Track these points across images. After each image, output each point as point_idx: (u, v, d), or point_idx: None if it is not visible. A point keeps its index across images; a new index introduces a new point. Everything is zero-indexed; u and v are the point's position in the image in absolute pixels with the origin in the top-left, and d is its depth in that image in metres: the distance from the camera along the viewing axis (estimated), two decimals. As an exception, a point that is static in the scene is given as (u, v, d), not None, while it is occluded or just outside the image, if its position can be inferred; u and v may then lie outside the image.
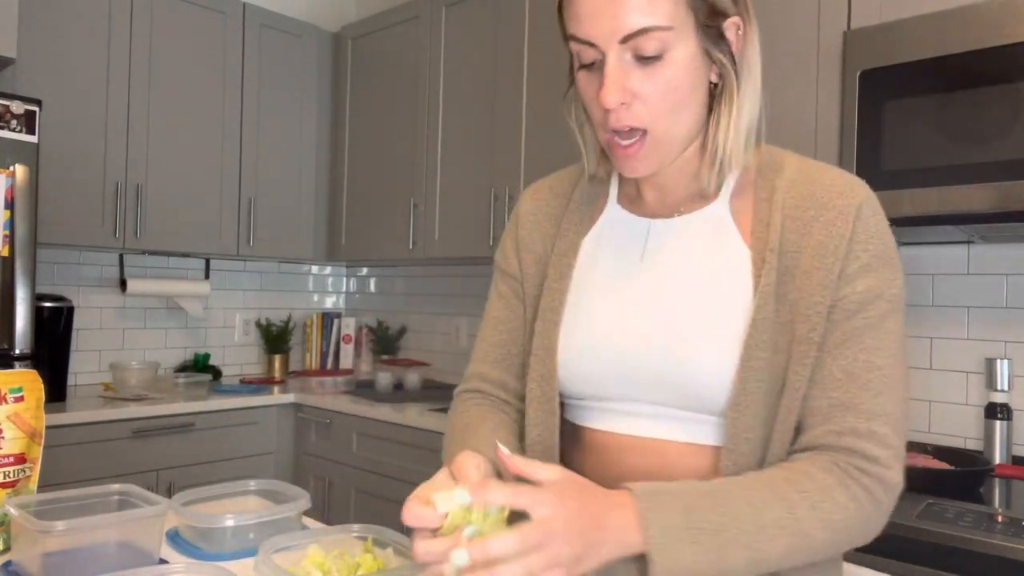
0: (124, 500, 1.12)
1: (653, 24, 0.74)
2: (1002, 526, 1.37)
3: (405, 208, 3.05)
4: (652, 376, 0.83)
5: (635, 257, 0.88)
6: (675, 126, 0.79)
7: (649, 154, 0.80)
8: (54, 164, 2.57)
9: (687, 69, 0.77)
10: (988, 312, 1.96)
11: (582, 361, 0.87)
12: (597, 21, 0.75)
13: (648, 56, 0.75)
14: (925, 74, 1.67)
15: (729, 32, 0.80)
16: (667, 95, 0.77)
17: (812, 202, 0.81)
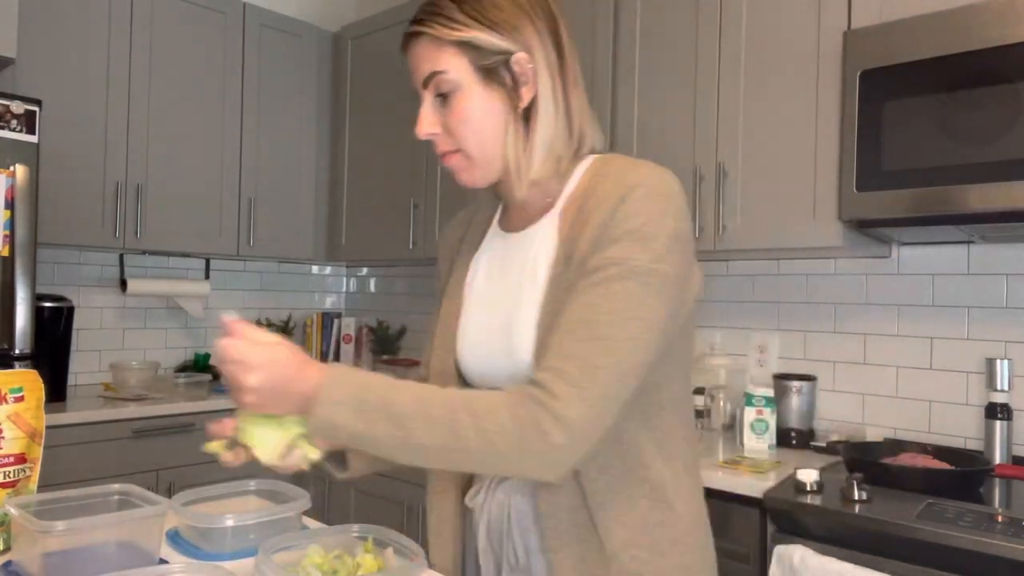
0: (124, 500, 1.12)
1: (435, 70, 0.95)
2: (1002, 526, 1.37)
3: (405, 208, 3.05)
4: (502, 365, 0.98)
5: (497, 267, 1.05)
6: (482, 146, 0.97)
7: (468, 168, 0.99)
8: (54, 164, 2.57)
9: (475, 101, 0.95)
10: (988, 312, 1.96)
11: (471, 360, 1.03)
12: (413, 74, 0.99)
13: (443, 93, 0.96)
14: (925, 74, 1.67)
15: (518, 67, 0.95)
16: (464, 123, 0.96)
17: (593, 194, 0.94)
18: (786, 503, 1.56)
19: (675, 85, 2.20)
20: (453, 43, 0.94)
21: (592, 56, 2.39)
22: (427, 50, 0.96)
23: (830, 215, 1.87)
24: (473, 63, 0.95)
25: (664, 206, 0.89)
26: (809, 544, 1.50)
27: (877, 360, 2.14)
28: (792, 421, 2.13)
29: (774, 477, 1.72)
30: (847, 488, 1.54)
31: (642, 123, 2.27)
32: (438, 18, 0.95)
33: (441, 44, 0.95)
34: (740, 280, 2.43)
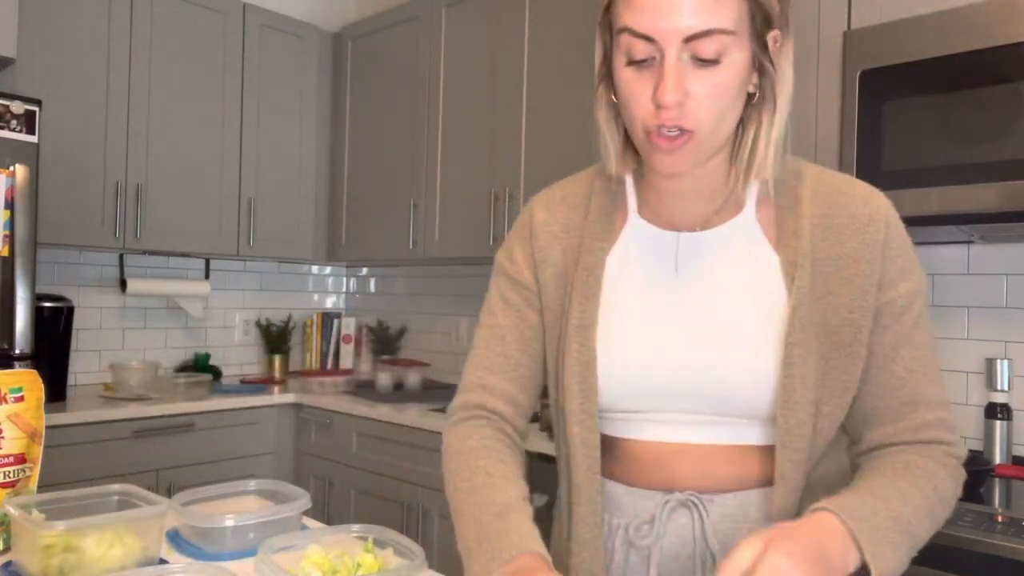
0: (124, 500, 1.12)
1: (717, 27, 0.74)
2: (1002, 526, 1.37)
3: (405, 208, 3.05)
4: (693, 390, 0.85)
5: (669, 271, 0.88)
6: (717, 130, 0.79)
7: (689, 153, 0.79)
8: (54, 164, 2.57)
9: (738, 75, 0.77)
10: (988, 312, 1.96)
11: (622, 378, 0.87)
12: (661, 17, 0.74)
13: (706, 59, 0.75)
14: (925, 74, 1.67)
15: (773, 44, 0.80)
16: (717, 99, 0.77)
17: (839, 210, 0.85)
18: (786, 503, 1.56)
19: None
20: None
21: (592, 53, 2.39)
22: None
23: (830, 215, 1.87)
24: (753, 30, 0.77)
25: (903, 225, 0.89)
26: (809, 544, 1.50)
27: (877, 360, 2.14)
28: (792, 421, 2.12)
29: (774, 477, 1.72)
30: (847, 488, 1.54)
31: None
32: None
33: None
34: (740, 280, 2.42)
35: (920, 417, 0.84)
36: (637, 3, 0.75)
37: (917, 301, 0.85)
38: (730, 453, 0.86)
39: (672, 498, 0.87)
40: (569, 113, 2.43)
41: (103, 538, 0.97)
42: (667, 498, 0.87)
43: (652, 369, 0.86)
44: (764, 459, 0.85)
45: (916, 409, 0.84)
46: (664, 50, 0.75)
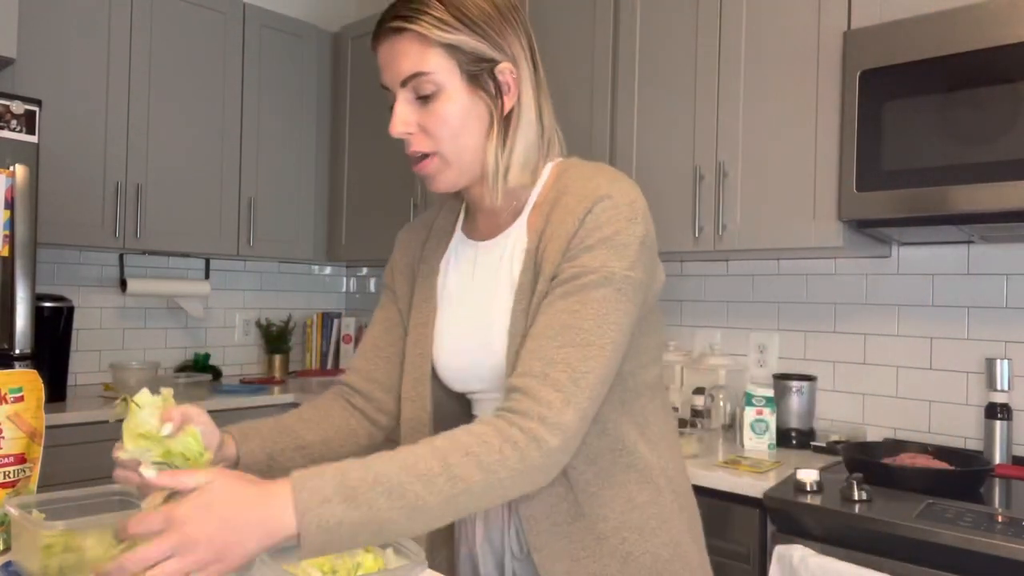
0: (124, 500, 1.12)
1: (421, 70, 0.92)
2: (1002, 526, 1.37)
3: (405, 208, 3.05)
4: (483, 371, 1.01)
5: (468, 275, 1.06)
6: (460, 151, 0.96)
7: (441, 172, 0.97)
8: (54, 164, 2.57)
9: (458, 104, 0.94)
10: (988, 312, 1.96)
11: (446, 367, 1.05)
12: (385, 71, 0.96)
13: (424, 95, 0.94)
14: (925, 74, 1.67)
15: (502, 76, 0.96)
16: (443, 125, 0.94)
17: (558, 206, 0.96)
18: (786, 503, 1.56)
19: (675, 85, 2.20)
20: (442, 45, 0.93)
21: (592, 56, 2.39)
22: (411, 48, 0.93)
23: (830, 215, 1.87)
24: (460, 67, 0.94)
25: (631, 214, 0.93)
26: (809, 544, 1.50)
27: (877, 360, 2.14)
28: (792, 421, 2.13)
29: (774, 477, 1.72)
30: (847, 488, 1.54)
31: (642, 123, 2.27)
32: (426, 16, 0.92)
33: (428, 44, 0.93)
34: (740, 280, 2.43)
35: (529, 365, 0.87)
36: (378, 63, 0.97)
37: (587, 275, 0.89)
38: None
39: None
40: (569, 113, 2.43)
41: (103, 538, 0.97)
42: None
43: (458, 357, 1.03)
44: None
45: (530, 358, 0.87)
46: (395, 93, 0.95)
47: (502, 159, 0.98)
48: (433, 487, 0.78)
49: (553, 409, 0.83)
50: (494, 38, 0.95)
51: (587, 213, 0.92)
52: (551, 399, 0.84)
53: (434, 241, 1.14)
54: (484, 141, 0.98)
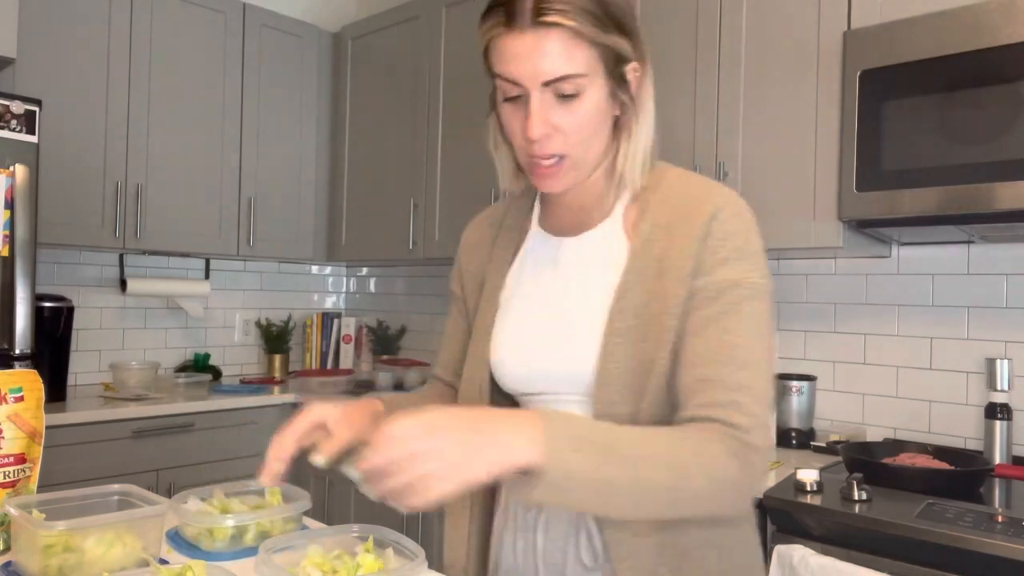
0: (124, 500, 1.12)
1: (572, 72, 0.86)
2: (1002, 526, 1.37)
3: (405, 208, 3.05)
4: (554, 372, 0.96)
5: (548, 272, 1.02)
6: (587, 153, 0.93)
7: (565, 174, 0.93)
8: (54, 164, 2.57)
9: (598, 107, 0.90)
10: (988, 312, 1.96)
11: (509, 366, 1.00)
12: (523, 65, 0.87)
13: (567, 95, 0.88)
14: (925, 74, 1.67)
15: (629, 75, 0.93)
16: (582, 128, 0.90)
17: (675, 211, 0.94)
18: (786, 503, 1.56)
19: (675, 85, 2.20)
20: (597, 45, 0.87)
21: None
22: (562, 46, 0.85)
23: (830, 215, 1.87)
24: (606, 68, 0.90)
25: (750, 221, 0.93)
26: (809, 544, 1.50)
27: (877, 360, 2.14)
28: (792, 421, 2.12)
29: (774, 477, 1.72)
30: (847, 488, 1.54)
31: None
32: (582, 13, 0.85)
33: (581, 43, 0.86)
34: (740, 280, 2.42)
35: (711, 396, 0.84)
36: (504, 54, 0.88)
37: (736, 290, 0.88)
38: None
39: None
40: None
41: (103, 538, 0.97)
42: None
43: (526, 357, 0.98)
44: None
45: (709, 388, 0.85)
46: (528, 92, 0.88)
47: (629, 160, 0.96)
48: (660, 471, 0.78)
49: (753, 435, 0.83)
50: (635, 35, 0.93)
51: (711, 220, 0.90)
52: (748, 425, 0.83)
53: (505, 238, 1.10)
54: (609, 142, 0.96)
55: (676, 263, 0.90)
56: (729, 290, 0.88)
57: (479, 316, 1.06)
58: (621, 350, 0.90)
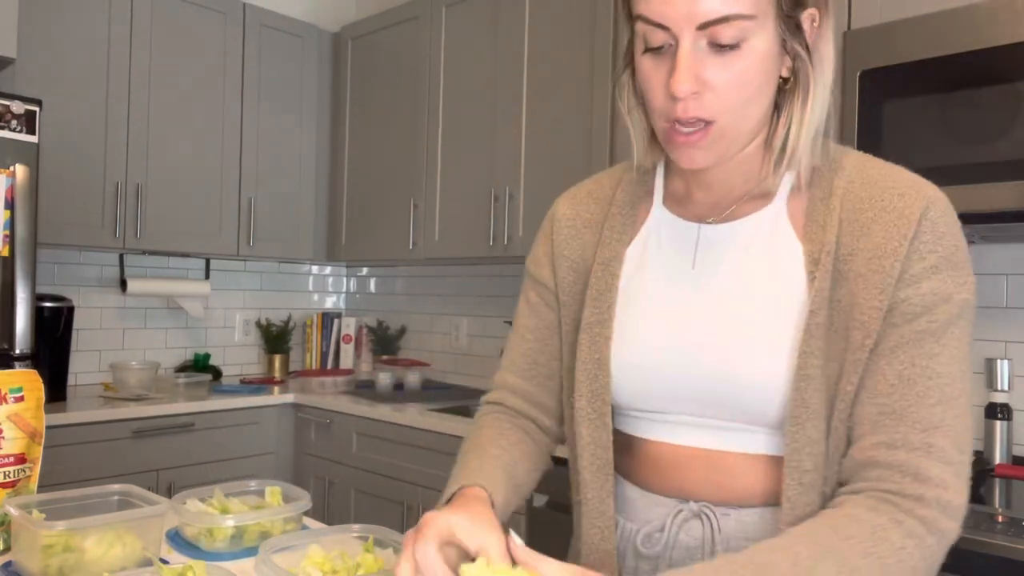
0: (124, 500, 1.12)
1: (735, 12, 0.69)
2: (1002, 526, 1.37)
3: (405, 208, 3.05)
4: (704, 391, 0.80)
5: (686, 265, 0.84)
6: (742, 120, 0.74)
7: (712, 145, 0.75)
8: (54, 164, 2.57)
9: (763, 61, 0.72)
10: (988, 312, 1.96)
11: (635, 377, 0.84)
12: (673, 4, 0.70)
13: (725, 44, 0.70)
14: (925, 74, 1.67)
15: (805, 24, 0.74)
16: (740, 87, 0.72)
17: (871, 204, 0.76)
18: (786, 503, 1.56)
19: (675, 85, 2.20)
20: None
21: (591, 57, 2.39)
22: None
23: (830, 215, 1.87)
24: (779, 11, 0.72)
25: (957, 223, 0.76)
26: (809, 544, 1.50)
27: (877, 360, 2.14)
28: (792, 421, 2.12)
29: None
30: (847, 488, 1.54)
31: (642, 123, 2.27)
32: None
33: None
34: (740, 280, 2.42)
35: (901, 433, 0.70)
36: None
37: (944, 306, 0.72)
38: (743, 462, 0.80)
39: (685, 508, 0.83)
40: (569, 113, 2.43)
41: (103, 538, 0.97)
42: (680, 507, 0.83)
43: (662, 368, 0.82)
44: (778, 472, 0.78)
45: (899, 423, 0.71)
46: (678, 38, 0.71)
47: (800, 135, 0.76)
48: None
49: (950, 491, 0.69)
50: None
51: (922, 216, 0.74)
52: (944, 478, 0.68)
53: (618, 219, 0.90)
54: (770, 109, 0.77)
55: (875, 266, 0.74)
56: (936, 307, 0.72)
57: (589, 311, 0.87)
58: (819, 375, 0.74)
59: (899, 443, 0.70)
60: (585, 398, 0.87)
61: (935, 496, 0.68)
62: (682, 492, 0.83)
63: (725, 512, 0.81)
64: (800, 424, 0.74)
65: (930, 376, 0.71)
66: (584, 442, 0.87)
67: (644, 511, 0.87)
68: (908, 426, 0.70)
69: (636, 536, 0.86)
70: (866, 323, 0.74)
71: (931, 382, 0.71)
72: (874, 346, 0.74)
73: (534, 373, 0.96)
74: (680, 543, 0.83)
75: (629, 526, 0.88)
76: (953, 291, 0.73)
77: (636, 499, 0.88)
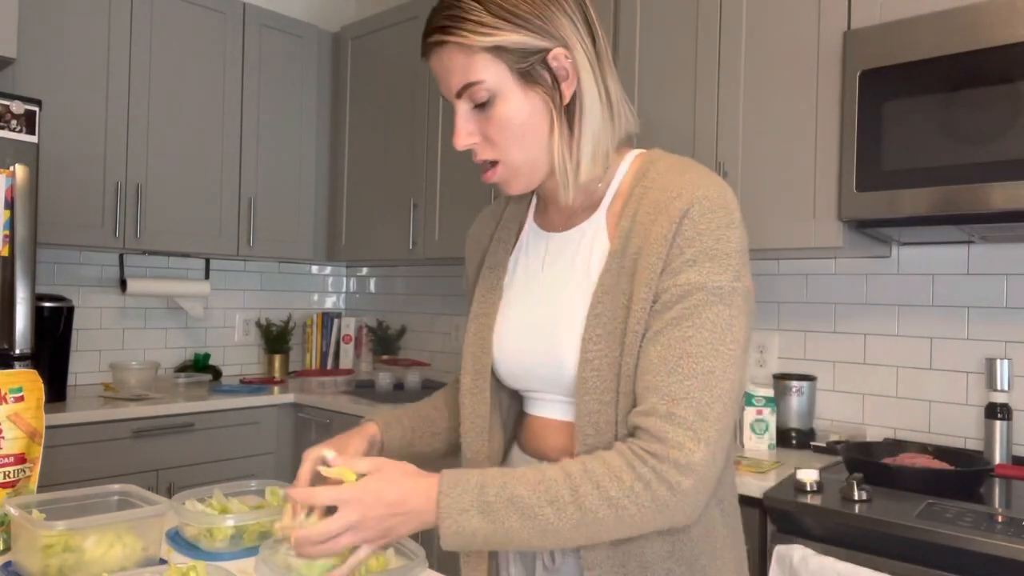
0: (124, 500, 1.12)
1: (471, 80, 0.88)
2: (1002, 526, 1.37)
3: (405, 208, 3.05)
4: (542, 370, 0.96)
5: (537, 268, 1.01)
6: (526, 152, 0.91)
7: (511, 177, 0.94)
8: (54, 164, 2.57)
9: (516, 106, 0.89)
10: (988, 312, 1.96)
11: (504, 363, 1.01)
12: (441, 83, 0.93)
13: (481, 103, 0.89)
14: (925, 74, 1.67)
15: (556, 62, 0.89)
16: (504, 130, 0.90)
17: (654, 207, 0.89)
18: (786, 503, 1.56)
19: (675, 85, 2.20)
20: (486, 49, 0.87)
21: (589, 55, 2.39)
22: (456, 59, 0.88)
23: (830, 215, 1.87)
24: (510, 67, 0.88)
25: (727, 218, 0.87)
26: (809, 544, 1.50)
27: (877, 360, 2.14)
28: (792, 421, 2.13)
29: (774, 477, 1.72)
30: (847, 488, 1.54)
31: (641, 123, 2.27)
32: (464, 24, 0.87)
33: (472, 52, 0.87)
34: (740, 280, 2.42)
35: (651, 403, 0.82)
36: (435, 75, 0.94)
37: (697, 293, 0.84)
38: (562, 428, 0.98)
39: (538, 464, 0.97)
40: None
41: (103, 538, 0.97)
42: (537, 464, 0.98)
43: (518, 354, 0.99)
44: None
45: (651, 396, 0.83)
46: (454, 105, 0.92)
47: (570, 154, 0.92)
48: (563, 514, 0.80)
49: (684, 450, 0.80)
50: (539, 25, 0.88)
51: (683, 216, 0.86)
52: (680, 439, 0.80)
53: (503, 231, 1.09)
54: (549, 137, 0.92)
55: (647, 263, 0.87)
56: (691, 294, 0.84)
57: (476, 304, 1.06)
58: (598, 356, 0.88)
59: (650, 412, 0.83)
60: (470, 375, 1.04)
61: (668, 454, 0.80)
62: (539, 454, 1.01)
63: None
64: (582, 397, 0.90)
65: (680, 356, 0.83)
66: (467, 412, 1.04)
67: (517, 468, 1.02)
68: (658, 397, 0.83)
69: None
70: (636, 311, 0.87)
71: (681, 361, 0.83)
72: (644, 332, 0.87)
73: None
74: None
75: None
76: (706, 280, 0.85)
77: (516, 460, 1.05)
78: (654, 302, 0.86)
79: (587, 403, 0.89)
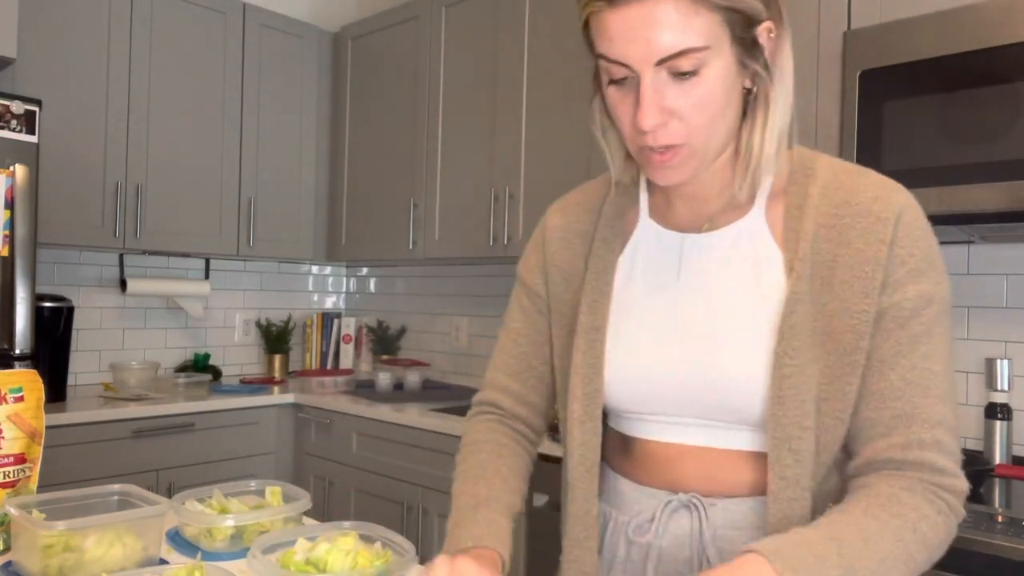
0: (124, 500, 1.12)
1: (689, 46, 0.72)
2: (1002, 526, 1.37)
3: (405, 208, 3.05)
4: (690, 395, 0.84)
5: (671, 275, 0.87)
6: (710, 138, 0.78)
7: (684, 164, 0.78)
8: (54, 164, 2.57)
9: (723, 82, 0.75)
10: (988, 312, 1.96)
11: (627, 381, 0.87)
12: (630, 43, 0.73)
13: (684, 72, 0.73)
14: (925, 74, 1.67)
15: (761, 38, 0.77)
16: (703, 110, 0.75)
17: (847, 209, 0.79)
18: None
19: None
20: (718, 8, 0.72)
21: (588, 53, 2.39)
22: (674, 15, 0.71)
23: (830, 215, 1.87)
24: (732, 34, 0.74)
25: (927, 222, 0.80)
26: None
27: (877, 360, 2.14)
28: (792, 421, 2.12)
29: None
30: (847, 488, 1.54)
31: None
32: None
33: (699, 8, 0.71)
34: (740, 280, 2.42)
35: (914, 434, 0.76)
36: (606, 31, 0.74)
37: (929, 308, 0.77)
38: (729, 458, 0.84)
39: (675, 499, 0.86)
40: (569, 113, 2.43)
41: (103, 538, 0.97)
42: (670, 498, 0.87)
43: (652, 373, 0.85)
44: (762, 466, 0.83)
45: (910, 424, 0.76)
46: (639, 73, 0.74)
47: (760, 144, 0.79)
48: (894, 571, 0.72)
49: (958, 479, 0.76)
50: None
51: (896, 222, 0.77)
52: (952, 469, 0.76)
53: (607, 229, 0.93)
54: (738, 121, 0.80)
55: (857, 272, 0.77)
56: (923, 309, 0.77)
57: (585, 318, 0.90)
58: (797, 374, 0.77)
59: (913, 443, 0.76)
60: (579, 401, 0.89)
61: (950, 484, 0.76)
62: (673, 485, 0.87)
63: (712, 503, 0.85)
64: (778, 421, 0.78)
65: (929, 377, 0.77)
66: (576, 443, 0.90)
67: (636, 503, 0.90)
68: (919, 426, 0.76)
69: (627, 527, 0.90)
70: (856, 327, 0.78)
71: (931, 382, 0.77)
72: (872, 350, 0.78)
73: (528, 376, 1.00)
74: (669, 531, 0.86)
75: (621, 519, 0.91)
76: (934, 291, 0.78)
77: (628, 492, 0.91)
78: (879, 317, 0.77)
79: (784, 427, 0.78)
